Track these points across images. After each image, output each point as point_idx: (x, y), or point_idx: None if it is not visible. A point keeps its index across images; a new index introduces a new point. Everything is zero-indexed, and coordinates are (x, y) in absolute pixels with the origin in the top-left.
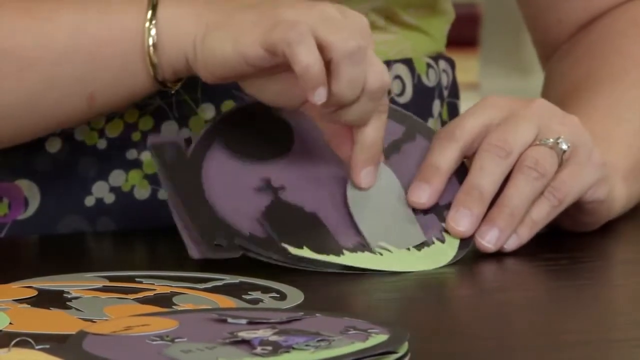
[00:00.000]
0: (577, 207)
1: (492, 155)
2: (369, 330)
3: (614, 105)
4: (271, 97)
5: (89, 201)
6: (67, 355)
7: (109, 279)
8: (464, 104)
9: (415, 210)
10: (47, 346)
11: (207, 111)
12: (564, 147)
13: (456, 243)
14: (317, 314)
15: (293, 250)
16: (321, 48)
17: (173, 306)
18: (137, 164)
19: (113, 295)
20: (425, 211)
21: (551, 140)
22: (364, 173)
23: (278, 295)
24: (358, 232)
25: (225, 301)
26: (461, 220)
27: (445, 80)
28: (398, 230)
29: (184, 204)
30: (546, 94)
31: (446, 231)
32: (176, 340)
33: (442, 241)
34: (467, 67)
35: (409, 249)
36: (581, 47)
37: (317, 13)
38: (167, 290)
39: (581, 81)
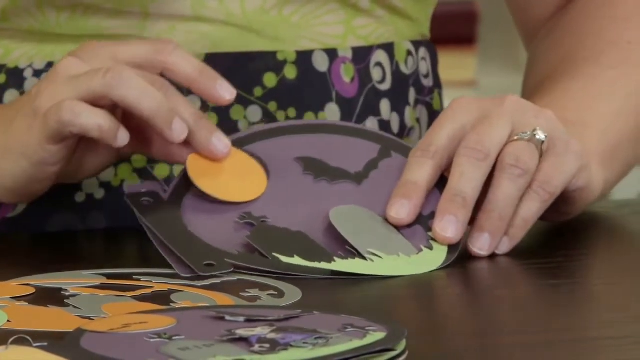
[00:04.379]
0: (560, 197)
1: (470, 160)
2: (367, 328)
3: (589, 88)
4: (95, 168)
5: (79, 197)
6: (65, 353)
7: (107, 276)
8: None
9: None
10: (45, 344)
11: (194, 102)
12: (542, 137)
13: (444, 249)
14: (314, 312)
15: (285, 259)
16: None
17: (171, 304)
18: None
19: (111, 292)
20: (410, 224)
21: (528, 133)
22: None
23: (276, 293)
24: (346, 243)
25: (223, 299)
26: (448, 228)
27: (424, 69)
28: (385, 241)
29: (169, 241)
30: (527, 77)
31: (433, 239)
32: (174, 337)
33: (431, 249)
34: (465, 65)
35: (398, 254)
36: (559, 28)
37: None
38: (165, 287)
39: (557, 64)
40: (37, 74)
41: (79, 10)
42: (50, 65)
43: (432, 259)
